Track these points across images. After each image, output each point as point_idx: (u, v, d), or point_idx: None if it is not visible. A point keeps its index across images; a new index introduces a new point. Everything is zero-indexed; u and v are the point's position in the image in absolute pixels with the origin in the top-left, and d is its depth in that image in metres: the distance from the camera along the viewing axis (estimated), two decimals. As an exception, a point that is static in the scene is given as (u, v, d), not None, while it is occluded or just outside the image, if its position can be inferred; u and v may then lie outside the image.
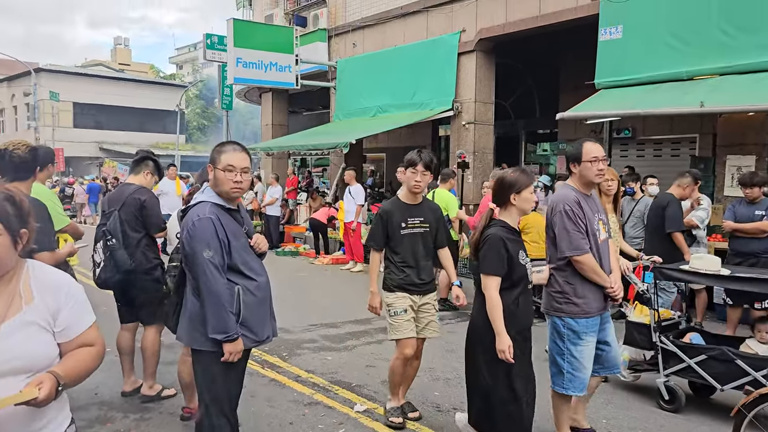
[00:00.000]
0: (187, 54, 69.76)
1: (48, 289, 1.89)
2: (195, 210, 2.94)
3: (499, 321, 3.18)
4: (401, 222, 4.11)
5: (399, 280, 4.13)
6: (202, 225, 2.87)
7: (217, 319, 2.84)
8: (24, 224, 1.85)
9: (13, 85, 39.38)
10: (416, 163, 4.06)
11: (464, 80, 12.01)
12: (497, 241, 3.27)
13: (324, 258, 12.00)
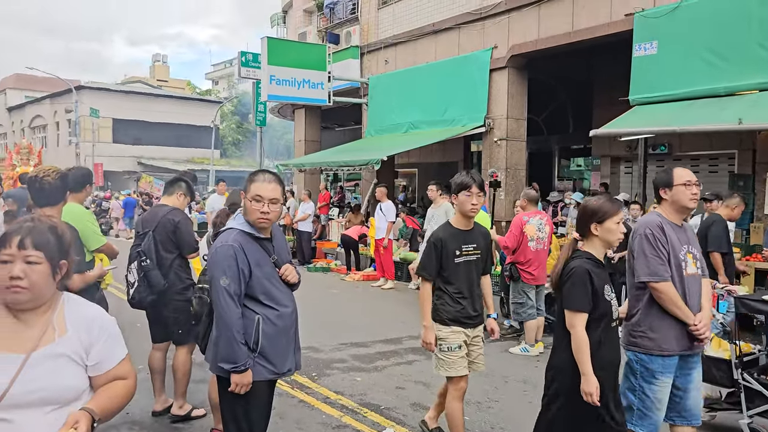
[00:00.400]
0: (223, 70, 71.08)
1: (82, 323, 1.92)
2: (222, 236, 2.97)
3: (587, 361, 2.93)
4: (455, 250, 3.84)
5: (455, 312, 3.86)
6: (223, 252, 2.87)
7: (226, 348, 2.82)
8: (64, 256, 1.89)
9: (56, 102, 40.60)
10: (470, 185, 3.79)
11: (496, 96, 11.96)
12: (583, 274, 3.02)
13: (355, 274, 12.01)
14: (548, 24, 10.88)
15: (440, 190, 9.14)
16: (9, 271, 1.77)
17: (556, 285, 3.17)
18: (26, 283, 1.78)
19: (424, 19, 13.64)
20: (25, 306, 1.83)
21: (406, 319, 8.44)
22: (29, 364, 1.79)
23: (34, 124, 44.12)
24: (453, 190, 3.85)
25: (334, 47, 15.55)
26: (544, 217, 6.70)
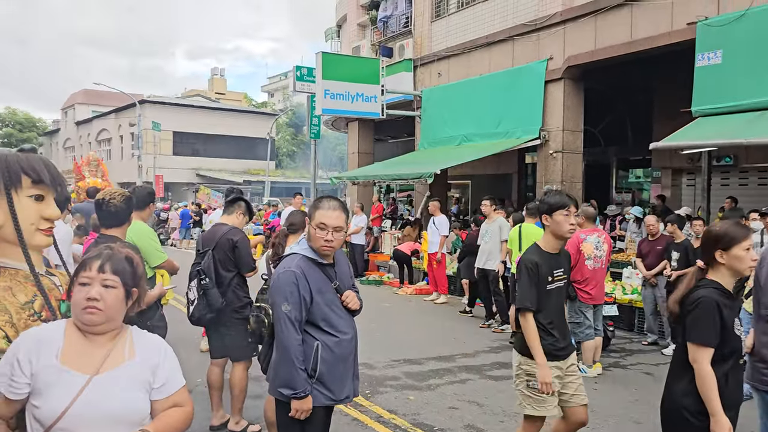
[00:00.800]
0: (278, 82, 72.53)
1: (149, 348, 2.01)
2: (285, 261, 2.99)
3: (716, 400, 2.64)
4: (548, 275, 3.56)
5: (547, 345, 3.53)
6: (285, 278, 2.88)
7: (286, 374, 2.84)
8: (136, 284, 2.00)
9: (120, 116, 42.24)
10: (567, 204, 3.49)
11: (551, 108, 11.78)
12: (712, 306, 2.72)
13: (408, 288, 11.99)
14: (606, 34, 10.66)
15: (494, 205, 9.06)
16: (87, 293, 1.87)
17: (677, 316, 2.88)
18: (102, 305, 1.86)
19: (478, 32, 13.59)
20: (99, 329, 1.91)
21: (459, 335, 8.38)
22: (93, 384, 1.85)
23: (100, 138, 46.00)
24: (544, 210, 3.56)
25: (388, 60, 15.66)
26: (602, 234, 6.53)
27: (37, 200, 2.14)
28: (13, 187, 2.09)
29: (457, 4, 14.46)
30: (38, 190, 2.15)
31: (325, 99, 14.05)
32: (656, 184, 14.35)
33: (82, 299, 1.87)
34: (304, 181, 39.53)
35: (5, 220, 2.10)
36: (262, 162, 39.77)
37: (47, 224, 2.19)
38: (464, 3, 14.28)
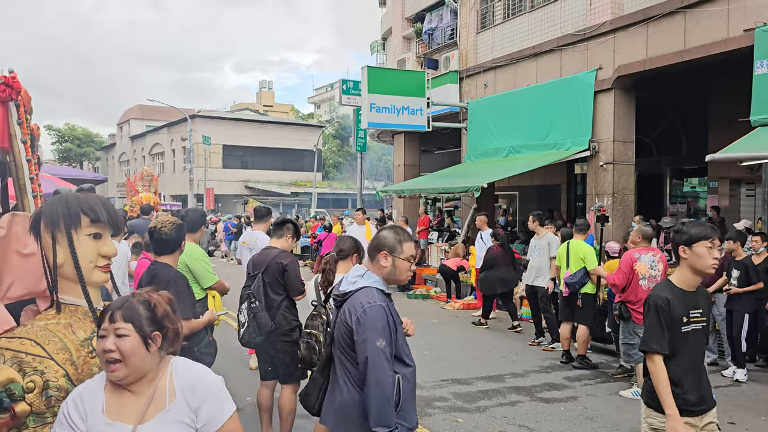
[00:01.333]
0: (324, 94, 73.32)
1: (188, 387, 1.96)
2: (364, 295, 2.82)
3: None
4: (683, 316, 3.15)
5: (676, 397, 3.13)
6: (375, 313, 2.73)
7: (381, 412, 2.68)
8: (157, 326, 1.94)
9: (173, 130, 43.44)
10: (711, 236, 3.15)
11: (601, 119, 11.53)
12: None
13: (455, 303, 11.88)
14: (658, 43, 10.39)
15: (539, 221, 8.90)
16: (103, 345, 1.86)
17: None
18: (117, 355, 1.84)
19: (524, 42, 13.44)
20: (127, 381, 1.89)
21: (507, 352, 8.25)
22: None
23: (154, 152, 47.38)
24: (683, 241, 3.19)
25: (433, 72, 15.64)
26: (657, 254, 6.32)
27: (95, 238, 2.21)
28: (73, 226, 2.16)
29: (503, 14, 14.34)
30: (96, 229, 2.21)
31: (371, 113, 14.11)
32: (713, 195, 13.87)
33: (100, 352, 1.87)
34: (350, 192, 39.85)
35: (65, 259, 2.17)
36: (309, 173, 40.24)
37: (105, 261, 2.26)
38: (510, 14, 14.15)
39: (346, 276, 3.00)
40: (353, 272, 2.97)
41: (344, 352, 2.85)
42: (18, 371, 1.88)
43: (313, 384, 3.10)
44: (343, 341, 2.84)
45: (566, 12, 12.38)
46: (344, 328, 2.81)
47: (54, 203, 2.17)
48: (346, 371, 2.86)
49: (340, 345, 2.87)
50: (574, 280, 7.42)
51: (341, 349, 2.87)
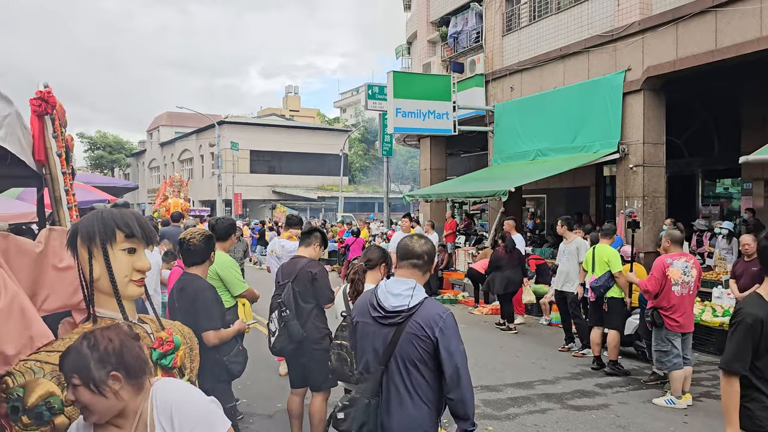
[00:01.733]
0: (350, 98, 73.67)
1: (165, 417, 1.86)
2: (432, 306, 2.86)
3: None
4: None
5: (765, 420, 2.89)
6: (452, 321, 2.85)
7: (471, 409, 2.82)
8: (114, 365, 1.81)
9: (201, 137, 44.03)
10: None
11: (630, 121, 11.38)
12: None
13: (483, 308, 11.81)
14: (688, 43, 10.22)
15: (568, 226, 8.81)
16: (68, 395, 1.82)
17: None
18: (80, 405, 1.79)
19: (551, 44, 13.34)
20: (104, 421, 1.83)
21: (537, 359, 8.17)
22: None
23: (183, 158, 48.06)
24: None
25: (459, 76, 15.60)
26: (691, 259, 6.20)
27: (129, 253, 2.25)
28: (108, 241, 2.20)
29: (529, 17, 14.25)
30: (131, 244, 2.25)
31: (396, 117, 14.12)
32: (747, 197, 13.58)
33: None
34: (376, 196, 39.91)
35: (101, 273, 2.22)
36: (335, 178, 40.44)
37: (139, 275, 2.30)
38: (536, 16, 14.06)
39: (387, 289, 2.93)
40: (400, 285, 2.91)
41: (414, 367, 2.81)
42: (57, 385, 1.92)
43: (356, 407, 2.89)
44: (414, 357, 2.80)
45: (593, 13, 12.25)
46: (420, 342, 2.78)
47: (90, 219, 2.22)
48: (414, 387, 2.82)
49: (410, 361, 2.81)
50: (598, 284, 7.36)
51: (411, 365, 2.82)
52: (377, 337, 2.88)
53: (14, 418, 1.86)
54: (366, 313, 2.97)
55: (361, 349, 2.99)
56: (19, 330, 2.17)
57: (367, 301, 3.01)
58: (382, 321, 2.87)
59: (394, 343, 2.82)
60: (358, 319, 3.02)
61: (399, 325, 2.82)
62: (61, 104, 4.27)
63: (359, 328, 3.00)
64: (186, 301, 3.81)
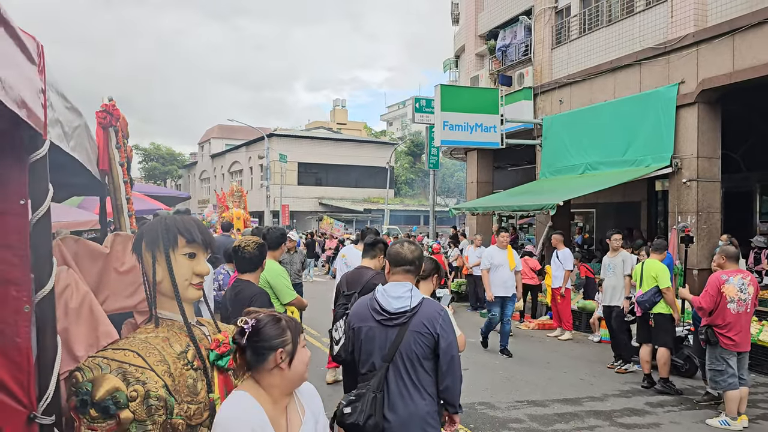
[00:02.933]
0: (396, 111, 74.05)
1: (309, 398, 2.21)
2: (431, 305, 3.15)
3: None
4: None
5: None
6: (448, 317, 3.15)
7: (459, 395, 3.16)
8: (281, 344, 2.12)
9: (251, 149, 44.93)
10: None
11: (684, 134, 11.12)
12: None
13: (530, 323, 11.66)
14: (745, 54, 9.96)
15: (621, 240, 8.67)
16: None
17: None
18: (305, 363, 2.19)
19: (601, 57, 13.18)
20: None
21: (585, 375, 8.02)
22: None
23: (233, 169, 49.10)
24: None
25: (507, 89, 15.55)
26: (747, 276, 6.01)
27: (190, 258, 2.35)
28: (171, 246, 2.31)
29: (579, 30, 14.12)
30: (191, 249, 2.35)
31: (444, 130, 14.17)
32: (808, 213, 13.06)
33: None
34: (422, 208, 39.93)
35: (164, 276, 2.32)
36: (381, 190, 40.65)
37: (198, 279, 2.40)
38: (587, 28, 13.92)
39: (387, 293, 3.17)
40: (398, 288, 3.16)
41: (419, 362, 3.06)
42: (122, 381, 2.02)
43: (363, 401, 3.06)
44: (418, 353, 3.04)
45: (645, 25, 12.07)
46: (422, 339, 3.04)
47: (154, 225, 2.33)
48: (420, 381, 3.07)
49: (415, 357, 3.05)
50: (644, 299, 7.20)
51: (416, 361, 3.06)
52: (383, 338, 3.11)
53: (83, 411, 1.96)
54: (368, 318, 3.19)
55: (366, 352, 3.16)
56: (88, 329, 2.29)
57: (367, 306, 3.24)
58: (387, 323, 3.11)
59: (399, 341, 3.06)
60: (360, 324, 3.22)
61: (403, 324, 3.07)
62: (124, 117, 4.48)
63: (363, 332, 3.19)
64: (240, 305, 3.91)
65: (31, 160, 1.92)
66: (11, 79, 1.55)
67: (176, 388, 2.13)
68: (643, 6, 12.30)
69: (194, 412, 2.16)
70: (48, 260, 2.01)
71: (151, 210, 13.43)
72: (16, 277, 1.92)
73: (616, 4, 13.14)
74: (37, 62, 1.89)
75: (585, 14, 14.02)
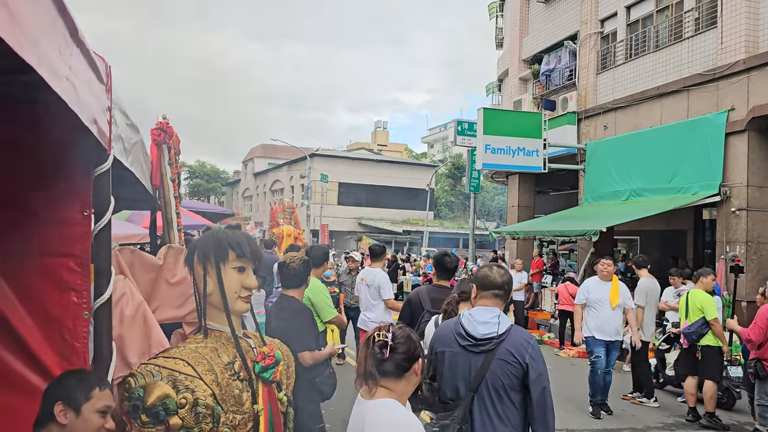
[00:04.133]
0: (438, 134, 74.22)
1: None
2: (520, 333, 2.99)
3: None
4: None
5: None
6: (538, 346, 2.97)
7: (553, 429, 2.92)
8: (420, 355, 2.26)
9: (293, 168, 45.61)
10: None
11: (733, 162, 10.87)
12: None
13: (570, 350, 11.44)
14: (798, 82, 9.72)
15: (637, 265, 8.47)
16: None
17: None
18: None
19: (648, 83, 13.03)
20: None
21: (627, 406, 7.83)
22: None
23: (274, 188, 49.88)
24: None
25: (550, 114, 15.49)
26: (799, 308, 5.83)
27: (239, 271, 2.42)
28: (222, 260, 2.39)
29: (625, 55, 14.01)
30: (241, 263, 2.43)
31: (485, 154, 14.16)
32: None
33: None
34: (461, 231, 39.76)
35: (214, 289, 2.40)
36: (421, 212, 40.67)
37: (247, 292, 2.46)
38: (633, 54, 13.80)
39: (474, 318, 3.00)
40: (485, 313, 2.99)
41: (505, 392, 2.88)
42: (172, 388, 2.08)
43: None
44: (505, 382, 2.87)
45: (694, 51, 11.91)
46: (510, 368, 2.86)
47: (206, 238, 2.41)
48: (505, 412, 2.88)
49: (501, 387, 2.88)
50: (690, 331, 7.00)
51: (502, 391, 2.88)
52: (467, 364, 2.94)
53: (134, 416, 2.04)
54: (453, 343, 3.02)
55: (449, 378, 3.01)
56: (141, 337, 2.38)
57: (451, 331, 3.06)
58: (473, 349, 2.93)
59: (485, 369, 2.88)
60: (444, 349, 3.06)
61: (490, 351, 2.89)
62: (177, 134, 4.64)
63: (446, 358, 3.03)
64: (284, 321, 3.98)
65: (96, 173, 2.02)
66: (83, 96, 1.65)
67: (223, 397, 2.19)
68: (692, 32, 12.15)
69: (239, 422, 2.21)
70: (107, 269, 2.10)
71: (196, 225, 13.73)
72: (78, 285, 2.02)
73: (664, 30, 13.01)
74: (105, 81, 2.01)
75: (632, 40, 13.91)
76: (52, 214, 1.95)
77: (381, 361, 2.27)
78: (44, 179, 1.95)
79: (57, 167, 1.95)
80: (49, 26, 1.32)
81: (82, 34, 1.64)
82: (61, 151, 1.93)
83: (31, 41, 1.16)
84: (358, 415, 2.38)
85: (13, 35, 1.05)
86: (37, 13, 1.22)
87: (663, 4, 13.21)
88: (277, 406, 2.49)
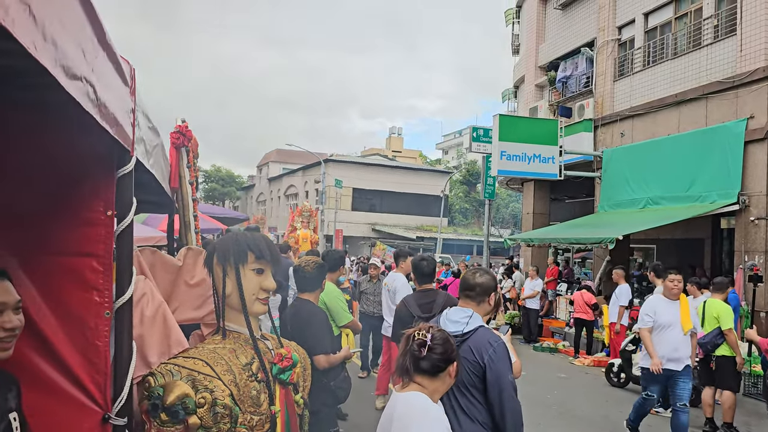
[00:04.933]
0: (452, 140, 74.17)
1: None
2: (485, 334, 3.01)
3: None
4: None
5: None
6: (503, 350, 2.96)
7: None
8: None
9: (307, 173, 45.76)
10: None
11: (752, 171, 10.76)
12: None
13: (585, 359, 11.34)
14: (819, 90, 9.61)
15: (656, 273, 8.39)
16: None
17: None
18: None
19: (665, 90, 12.94)
20: None
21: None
22: None
23: (288, 193, 50.04)
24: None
25: (566, 121, 15.43)
26: (820, 319, 5.73)
27: (258, 273, 2.44)
28: (241, 262, 2.41)
29: (643, 62, 13.93)
30: (260, 265, 2.45)
31: (501, 160, 14.12)
32: None
33: None
34: (475, 238, 39.62)
35: (232, 290, 2.42)
36: (435, 218, 40.57)
37: (265, 294, 2.48)
38: (651, 61, 13.72)
39: (447, 317, 3.13)
40: (458, 313, 3.11)
41: (467, 390, 2.97)
42: (192, 387, 2.10)
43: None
44: (465, 380, 2.96)
45: (713, 59, 11.82)
46: (469, 366, 2.95)
47: (226, 240, 2.43)
48: (470, 408, 2.96)
49: (462, 383, 2.96)
50: (705, 341, 6.93)
51: (464, 388, 2.97)
52: None
53: (154, 414, 2.06)
54: None
55: None
56: (161, 337, 2.40)
57: None
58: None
59: None
60: None
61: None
62: (195, 138, 4.68)
63: None
64: (299, 324, 4.00)
65: (119, 175, 2.05)
66: (107, 99, 1.67)
67: (241, 398, 2.21)
68: (711, 39, 12.06)
69: (256, 423, 2.23)
70: (128, 270, 2.13)
71: (211, 229, 13.80)
72: (99, 284, 2.04)
73: (683, 38, 12.92)
74: (129, 84, 2.03)
75: (649, 47, 13.84)
76: (76, 214, 1.98)
77: (418, 358, 2.37)
78: (69, 180, 1.98)
79: (82, 168, 1.98)
80: (76, 30, 1.35)
81: (109, 37, 1.67)
82: (87, 153, 1.96)
83: (49, 43, 1.18)
84: (390, 406, 2.45)
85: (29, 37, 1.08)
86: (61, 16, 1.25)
87: (682, 11, 13.14)
88: (293, 408, 2.50)
